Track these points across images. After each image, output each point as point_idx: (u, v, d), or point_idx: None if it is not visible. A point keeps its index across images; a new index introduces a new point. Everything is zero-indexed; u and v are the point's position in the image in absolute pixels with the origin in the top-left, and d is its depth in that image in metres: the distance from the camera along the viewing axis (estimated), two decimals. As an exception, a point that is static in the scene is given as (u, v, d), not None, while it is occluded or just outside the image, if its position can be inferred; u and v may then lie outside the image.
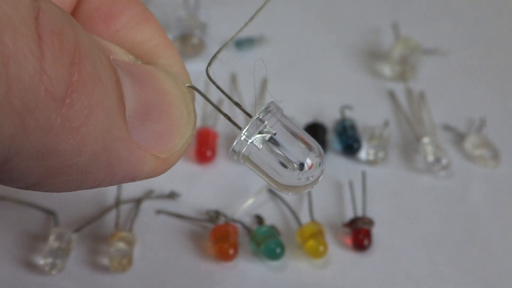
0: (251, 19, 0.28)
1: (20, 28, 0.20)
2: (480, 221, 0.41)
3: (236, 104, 0.28)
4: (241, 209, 0.41)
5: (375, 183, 0.43)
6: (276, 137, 0.26)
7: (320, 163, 0.27)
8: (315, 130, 0.44)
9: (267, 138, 0.26)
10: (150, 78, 0.25)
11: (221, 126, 0.46)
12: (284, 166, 0.26)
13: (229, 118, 0.28)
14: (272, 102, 0.27)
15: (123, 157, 0.24)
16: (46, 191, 0.24)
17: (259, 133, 0.26)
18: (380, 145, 0.44)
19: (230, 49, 0.52)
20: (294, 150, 0.26)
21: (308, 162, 0.26)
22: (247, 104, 0.48)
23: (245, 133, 0.26)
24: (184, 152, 0.27)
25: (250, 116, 0.27)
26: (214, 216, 0.40)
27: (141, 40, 0.27)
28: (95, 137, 0.23)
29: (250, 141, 0.26)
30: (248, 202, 0.41)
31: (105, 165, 0.24)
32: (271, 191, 0.42)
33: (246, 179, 0.43)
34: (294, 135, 0.27)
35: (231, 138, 0.45)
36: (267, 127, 0.26)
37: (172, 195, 0.42)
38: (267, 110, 0.27)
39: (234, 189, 0.42)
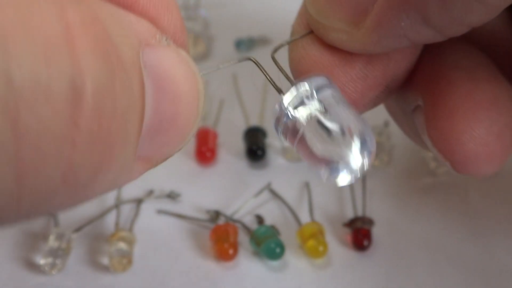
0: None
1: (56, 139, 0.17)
2: (480, 221, 0.41)
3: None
4: (241, 209, 0.41)
5: (375, 183, 0.43)
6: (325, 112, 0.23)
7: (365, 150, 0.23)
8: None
9: (314, 114, 0.23)
10: (170, 80, 0.22)
11: (221, 126, 0.46)
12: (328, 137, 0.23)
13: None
14: (320, 75, 0.24)
15: (122, 182, 0.21)
16: None
17: (306, 104, 0.23)
18: (380, 145, 0.44)
19: (230, 49, 0.52)
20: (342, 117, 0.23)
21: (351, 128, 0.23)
22: (254, 107, 0.48)
23: (289, 103, 0.23)
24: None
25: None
26: (214, 216, 0.40)
27: None
28: (100, 189, 0.20)
29: (293, 113, 0.23)
30: (248, 202, 0.41)
31: (103, 192, 0.21)
32: (271, 191, 0.42)
33: (246, 179, 0.43)
34: (342, 109, 0.23)
35: (231, 138, 0.45)
36: (315, 100, 0.23)
37: (172, 195, 0.42)
38: (316, 83, 0.23)
39: (234, 189, 0.42)
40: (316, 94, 0.23)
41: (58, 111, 0.17)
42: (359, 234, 0.39)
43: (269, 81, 0.25)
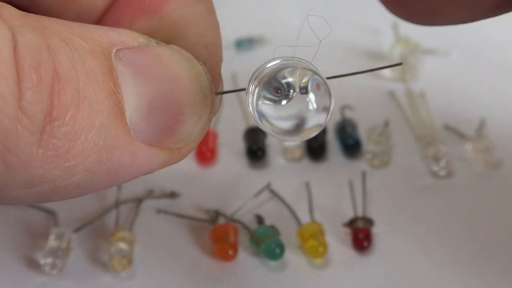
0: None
1: (1, 69, 0.20)
2: (480, 221, 0.41)
3: None
4: (241, 209, 0.41)
5: (375, 183, 0.43)
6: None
7: None
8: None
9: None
10: (157, 65, 0.24)
11: (221, 126, 0.46)
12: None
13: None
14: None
15: (125, 163, 0.23)
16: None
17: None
18: (380, 145, 0.44)
19: (230, 49, 0.52)
20: None
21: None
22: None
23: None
24: (202, 137, 0.26)
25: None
26: (214, 216, 0.40)
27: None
28: (86, 155, 0.22)
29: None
30: (248, 202, 0.41)
31: (106, 175, 0.23)
32: (271, 191, 0.42)
33: (246, 179, 0.43)
34: None
35: (231, 138, 0.45)
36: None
37: (172, 195, 0.42)
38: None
39: (234, 189, 0.42)
40: None
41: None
42: (359, 234, 0.39)
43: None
